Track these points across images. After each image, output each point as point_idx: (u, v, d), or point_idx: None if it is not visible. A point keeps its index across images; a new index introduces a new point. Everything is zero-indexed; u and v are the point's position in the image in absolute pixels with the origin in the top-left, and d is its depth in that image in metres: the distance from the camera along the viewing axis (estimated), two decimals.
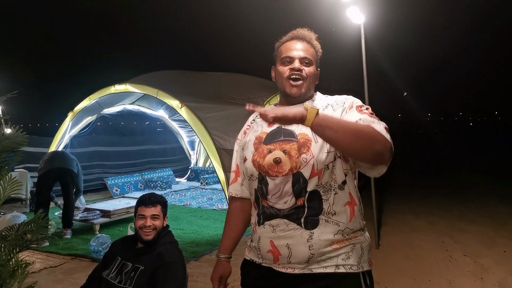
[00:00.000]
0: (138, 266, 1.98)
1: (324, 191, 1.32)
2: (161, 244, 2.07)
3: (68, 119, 6.58)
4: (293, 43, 1.46)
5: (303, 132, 1.35)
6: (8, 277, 2.28)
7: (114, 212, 5.27)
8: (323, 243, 1.31)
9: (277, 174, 1.34)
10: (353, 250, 1.34)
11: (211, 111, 5.51)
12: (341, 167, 1.35)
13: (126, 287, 1.92)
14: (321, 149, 1.32)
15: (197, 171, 9.59)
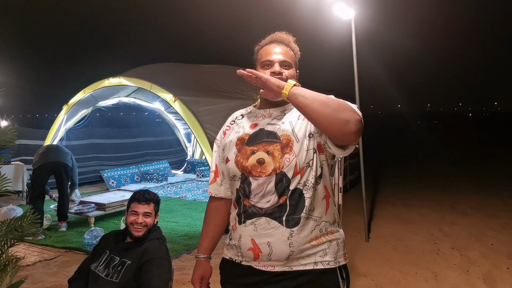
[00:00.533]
0: (126, 260, 2.04)
1: (305, 188, 1.37)
2: (149, 240, 2.12)
3: (63, 112, 6.61)
4: (272, 47, 1.50)
5: (285, 134, 1.39)
6: (0, 271, 2.35)
7: (109, 205, 5.33)
8: (302, 240, 1.35)
9: (261, 175, 1.37)
10: (330, 247, 1.39)
11: (204, 104, 5.53)
12: (317, 161, 1.39)
13: (113, 281, 1.98)
14: (301, 148, 1.37)
15: (193, 163, 9.64)
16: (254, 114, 1.52)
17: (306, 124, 1.41)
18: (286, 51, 1.49)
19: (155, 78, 5.91)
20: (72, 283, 2.13)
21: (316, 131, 1.39)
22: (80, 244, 4.29)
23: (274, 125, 1.43)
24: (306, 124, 1.41)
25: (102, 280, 2.00)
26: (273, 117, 1.46)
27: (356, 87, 4.25)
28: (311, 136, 1.40)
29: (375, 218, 5.39)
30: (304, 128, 1.41)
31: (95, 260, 2.13)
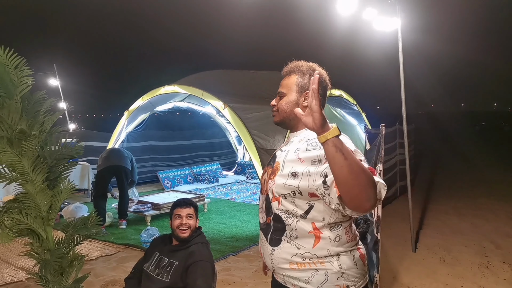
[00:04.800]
0: (173, 261, 2.27)
1: (286, 216, 1.45)
2: (194, 244, 2.34)
3: (124, 117, 7.15)
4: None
5: (278, 161, 1.51)
6: (67, 267, 2.69)
7: (163, 205, 5.71)
8: (280, 260, 1.47)
9: (262, 192, 1.59)
10: (314, 276, 1.43)
11: (252, 111, 5.73)
12: (304, 200, 1.41)
13: (163, 280, 2.22)
14: (281, 179, 1.44)
15: (243, 165, 9.93)
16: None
17: (296, 161, 1.42)
18: (285, 82, 1.60)
19: (206, 85, 6.21)
20: (128, 282, 2.41)
21: (305, 175, 1.37)
22: (137, 241, 4.68)
23: (281, 150, 1.57)
24: (296, 161, 1.42)
25: (154, 279, 2.25)
26: (287, 143, 1.59)
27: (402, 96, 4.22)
28: (294, 175, 1.40)
29: (424, 228, 5.27)
30: (292, 164, 1.43)
31: (147, 260, 2.39)
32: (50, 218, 2.64)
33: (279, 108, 1.59)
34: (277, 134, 5.36)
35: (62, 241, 2.69)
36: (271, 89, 6.41)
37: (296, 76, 1.58)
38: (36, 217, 2.58)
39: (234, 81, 7.10)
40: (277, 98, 1.61)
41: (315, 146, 1.41)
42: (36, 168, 2.50)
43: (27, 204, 2.55)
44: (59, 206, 2.70)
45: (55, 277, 2.64)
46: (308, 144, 1.44)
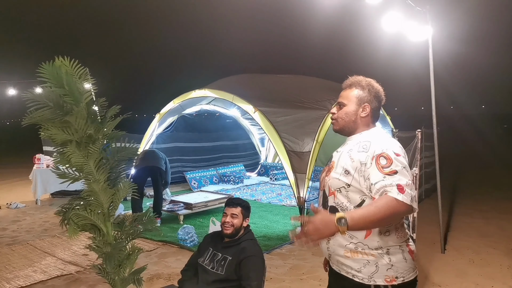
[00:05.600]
0: (227, 256, 2.47)
1: (341, 208, 1.65)
2: (245, 240, 2.54)
3: (155, 119, 7.44)
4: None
5: (333, 160, 1.75)
6: (125, 259, 2.93)
7: (195, 205, 5.95)
8: (336, 248, 1.65)
9: (320, 188, 1.81)
10: (366, 266, 1.60)
11: (281, 115, 5.92)
12: (356, 194, 1.63)
13: (218, 273, 2.42)
14: (335, 175, 1.66)
15: (266, 167, 10.12)
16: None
17: (348, 161, 1.64)
18: (345, 93, 1.79)
19: (236, 89, 6.44)
20: (184, 274, 2.63)
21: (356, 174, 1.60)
22: (174, 239, 4.91)
23: (337, 151, 1.80)
24: (348, 161, 1.64)
25: (210, 272, 2.46)
26: (342, 145, 1.81)
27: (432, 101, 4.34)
28: (347, 173, 1.62)
29: (451, 230, 5.35)
30: (344, 162, 1.65)
31: (201, 255, 2.60)
32: (110, 215, 2.88)
33: (339, 117, 1.78)
34: (306, 137, 5.54)
35: (121, 236, 2.94)
36: (298, 93, 6.61)
37: (356, 90, 1.76)
38: (99, 213, 2.83)
39: (261, 85, 7.30)
40: (338, 107, 1.80)
41: (365, 149, 1.64)
42: (99, 169, 2.75)
43: (91, 201, 2.80)
44: (119, 204, 2.94)
45: (114, 269, 2.88)
46: (359, 146, 1.67)
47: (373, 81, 1.80)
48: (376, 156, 1.57)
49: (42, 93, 2.62)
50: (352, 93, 1.77)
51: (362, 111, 1.74)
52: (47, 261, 4.36)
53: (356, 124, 1.76)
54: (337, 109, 1.80)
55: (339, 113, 1.78)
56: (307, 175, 5.24)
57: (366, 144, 1.65)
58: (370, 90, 1.76)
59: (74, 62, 2.70)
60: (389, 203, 1.44)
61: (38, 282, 3.76)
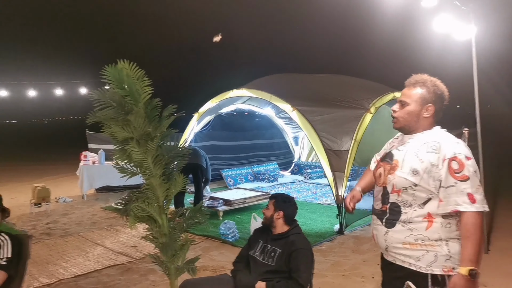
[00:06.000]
0: (276, 249, 2.60)
1: (404, 205, 1.71)
2: (293, 234, 2.66)
3: (194, 118, 7.67)
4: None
5: (396, 159, 1.77)
6: (178, 250, 3.11)
7: (234, 202, 6.11)
8: (394, 240, 1.73)
9: (377, 184, 1.86)
10: (425, 256, 1.66)
11: (319, 114, 5.99)
12: (422, 193, 1.67)
13: (269, 264, 2.55)
14: (401, 174, 1.70)
15: (300, 166, 10.18)
16: (397, 138, 1.92)
17: (416, 161, 1.67)
18: (407, 92, 1.80)
19: (273, 89, 6.55)
20: (236, 265, 2.77)
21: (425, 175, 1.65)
22: (215, 233, 5.09)
23: (397, 149, 1.81)
24: (416, 161, 1.67)
25: (260, 263, 2.59)
26: (402, 143, 1.83)
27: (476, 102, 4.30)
28: (415, 173, 1.66)
29: (494, 231, 5.25)
30: (412, 163, 1.68)
31: (252, 248, 2.73)
32: (165, 208, 3.07)
33: (400, 116, 1.80)
34: (344, 136, 5.57)
35: (175, 227, 3.12)
36: (335, 92, 6.65)
37: (420, 89, 1.76)
38: (155, 206, 3.02)
39: (299, 84, 7.38)
40: (400, 105, 1.81)
41: (434, 150, 1.67)
42: (156, 164, 2.94)
43: (148, 194, 3.00)
44: (172, 197, 3.13)
45: (169, 258, 3.07)
46: (428, 147, 1.70)
47: (438, 81, 1.78)
48: (448, 159, 1.62)
49: (106, 93, 2.83)
50: (416, 93, 1.76)
51: (426, 112, 1.75)
52: (99, 251, 4.64)
53: (417, 124, 1.77)
54: (399, 107, 1.80)
55: (400, 112, 1.80)
56: (346, 174, 5.29)
57: (435, 145, 1.67)
58: (435, 91, 1.75)
59: (133, 65, 2.90)
60: (472, 221, 1.57)
61: (94, 271, 4.02)
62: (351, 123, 5.69)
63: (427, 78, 1.79)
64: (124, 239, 5.09)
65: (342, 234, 5.14)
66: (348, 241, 4.83)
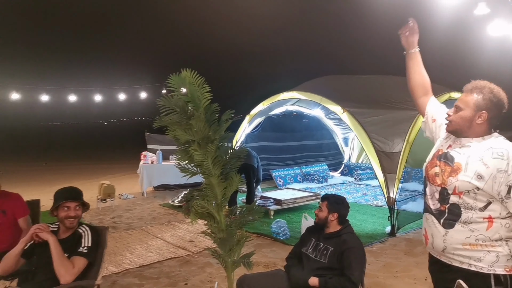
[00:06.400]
0: (328, 246, 2.72)
1: (464, 207, 1.73)
2: (345, 233, 2.77)
3: (246, 120, 7.93)
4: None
5: (458, 162, 1.76)
6: (235, 245, 3.32)
7: (285, 201, 6.27)
8: (454, 241, 1.74)
9: (433, 183, 1.85)
10: (486, 256, 1.68)
11: (370, 115, 5.98)
12: (484, 196, 1.69)
13: (321, 261, 2.68)
14: (464, 178, 1.71)
15: (350, 167, 10.13)
16: (452, 138, 1.91)
17: (481, 167, 1.69)
18: (463, 98, 1.82)
19: (324, 91, 6.63)
20: (288, 260, 2.92)
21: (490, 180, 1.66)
22: (267, 232, 5.28)
23: (457, 152, 1.81)
24: (481, 167, 1.69)
25: (313, 260, 2.72)
26: (460, 146, 1.83)
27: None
28: (479, 178, 1.68)
29: None
30: (476, 168, 1.69)
31: (304, 245, 2.87)
32: (223, 205, 3.30)
33: (453, 120, 1.82)
34: (396, 137, 5.54)
35: (231, 223, 3.35)
36: (386, 94, 6.59)
37: (476, 95, 1.77)
38: (214, 203, 3.25)
39: (349, 86, 7.40)
40: (454, 110, 1.83)
41: (502, 156, 1.68)
42: (215, 165, 3.17)
43: (207, 192, 3.24)
44: (229, 196, 3.35)
45: (226, 252, 3.30)
46: (493, 153, 1.70)
47: (497, 89, 1.79)
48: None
49: (171, 100, 3.11)
50: (471, 99, 1.78)
51: (478, 118, 1.76)
52: (159, 244, 5.00)
53: (470, 129, 1.78)
54: (454, 112, 1.83)
55: (454, 116, 1.82)
56: (397, 176, 5.26)
57: (502, 152, 1.68)
58: (490, 98, 1.75)
59: (194, 73, 3.16)
60: None
61: (156, 262, 4.36)
62: (403, 125, 5.64)
63: (485, 84, 1.79)
64: (181, 234, 5.43)
65: (394, 236, 5.13)
66: (400, 243, 4.81)
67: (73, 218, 2.52)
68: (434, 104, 2.09)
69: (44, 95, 9.53)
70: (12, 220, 3.10)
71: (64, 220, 2.51)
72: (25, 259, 2.48)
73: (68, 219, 2.51)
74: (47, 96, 9.58)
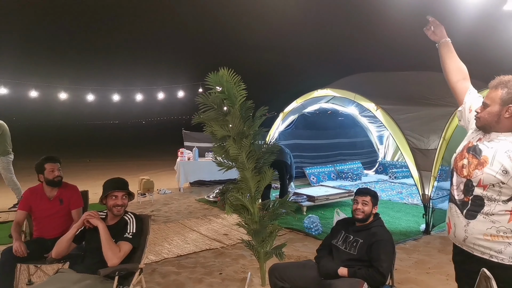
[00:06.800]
0: (358, 239, 2.79)
1: (488, 199, 1.77)
2: (375, 226, 2.82)
3: (279, 118, 8.04)
4: None
5: (485, 155, 1.80)
6: (267, 236, 3.46)
7: (317, 198, 6.34)
8: (475, 231, 1.78)
9: (460, 174, 1.89)
10: (507, 248, 1.72)
11: (404, 112, 5.92)
12: (508, 190, 1.72)
13: (351, 253, 2.75)
14: (490, 171, 1.74)
15: (385, 165, 9.99)
16: (480, 132, 1.93)
17: (507, 160, 1.72)
18: (490, 94, 1.85)
19: (357, 88, 6.62)
20: (319, 252, 3.01)
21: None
22: (299, 227, 5.38)
23: (485, 145, 1.84)
24: (507, 160, 1.72)
25: (342, 251, 2.80)
26: (489, 140, 1.86)
27: None
28: (505, 172, 1.71)
29: None
30: (502, 163, 1.73)
31: (334, 237, 2.95)
32: (256, 198, 3.44)
33: (481, 116, 1.86)
34: (432, 134, 5.46)
35: (264, 216, 3.48)
36: (422, 90, 6.49)
37: (502, 91, 1.80)
38: (248, 196, 3.40)
39: (383, 83, 7.33)
40: (482, 107, 1.87)
41: None
42: (249, 159, 3.32)
43: (241, 186, 3.39)
44: (262, 189, 3.48)
45: (259, 243, 3.44)
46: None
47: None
48: None
49: (209, 97, 3.29)
50: (496, 94, 1.81)
51: (506, 112, 1.79)
52: (195, 236, 5.22)
53: (499, 124, 1.81)
54: (481, 109, 1.86)
55: (482, 113, 1.85)
56: (433, 173, 5.19)
57: None
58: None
59: (231, 71, 3.31)
60: None
61: (192, 253, 4.57)
62: (439, 121, 5.54)
63: (510, 79, 1.81)
64: (216, 227, 5.63)
65: (429, 234, 5.08)
66: (434, 241, 4.77)
67: (120, 206, 2.75)
68: (473, 94, 2.08)
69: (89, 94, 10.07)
70: (67, 210, 3.38)
71: (112, 208, 2.73)
72: (76, 243, 2.73)
73: (116, 207, 2.73)
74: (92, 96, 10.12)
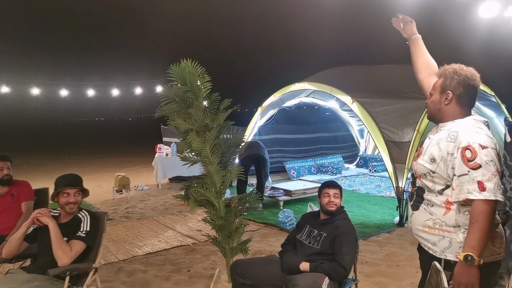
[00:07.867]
0: (322, 233, 2.73)
1: (427, 190, 1.79)
2: (339, 219, 2.77)
3: (258, 112, 7.95)
4: None
5: (423, 146, 1.85)
6: (233, 232, 3.37)
7: (294, 192, 6.28)
8: (417, 222, 1.83)
9: (413, 170, 1.91)
10: (440, 241, 1.73)
11: (380, 105, 5.90)
12: (440, 179, 1.72)
13: (314, 247, 2.69)
14: (422, 161, 1.78)
15: (365, 158, 10.01)
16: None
17: (436, 150, 1.73)
18: (435, 84, 1.85)
19: (334, 81, 6.57)
20: (284, 247, 2.94)
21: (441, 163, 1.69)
22: (274, 221, 5.32)
23: (429, 138, 1.86)
24: (436, 150, 1.73)
25: (306, 246, 2.74)
26: (434, 132, 1.86)
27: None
28: (433, 161, 1.73)
29: None
30: (431, 151, 1.75)
31: (299, 232, 2.89)
32: (222, 193, 3.35)
33: (427, 106, 1.89)
34: (406, 127, 5.45)
35: (230, 211, 3.40)
36: (399, 84, 6.47)
37: (442, 79, 1.82)
38: (213, 191, 3.31)
39: (361, 76, 7.30)
40: (428, 97, 1.89)
41: (452, 139, 1.69)
42: (214, 153, 3.23)
43: (206, 181, 3.30)
44: (228, 184, 3.40)
45: (225, 239, 3.36)
46: (448, 136, 1.71)
47: (461, 67, 1.79)
48: (462, 148, 1.63)
49: (171, 90, 3.18)
50: (437, 83, 1.83)
51: (445, 100, 1.78)
52: (169, 233, 5.11)
53: (442, 112, 1.80)
54: (428, 99, 1.89)
55: (428, 102, 1.88)
56: (407, 166, 5.18)
57: (454, 134, 1.70)
58: (453, 77, 1.77)
59: (195, 63, 3.21)
60: (480, 209, 1.57)
61: (162, 250, 4.47)
62: (414, 114, 5.53)
63: (449, 67, 1.82)
64: (191, 223, 5.53)
65: (403, 226, 5.07)
66: (408, 234, 4.76)
67: (72, 204, 2.63)
68: None
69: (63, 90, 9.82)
70: (19, 205, 3.25)
71: (64, 206, 2.61)
72: (28, 242, 2.61)
73: (68, 204, 2.61)
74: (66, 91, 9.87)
